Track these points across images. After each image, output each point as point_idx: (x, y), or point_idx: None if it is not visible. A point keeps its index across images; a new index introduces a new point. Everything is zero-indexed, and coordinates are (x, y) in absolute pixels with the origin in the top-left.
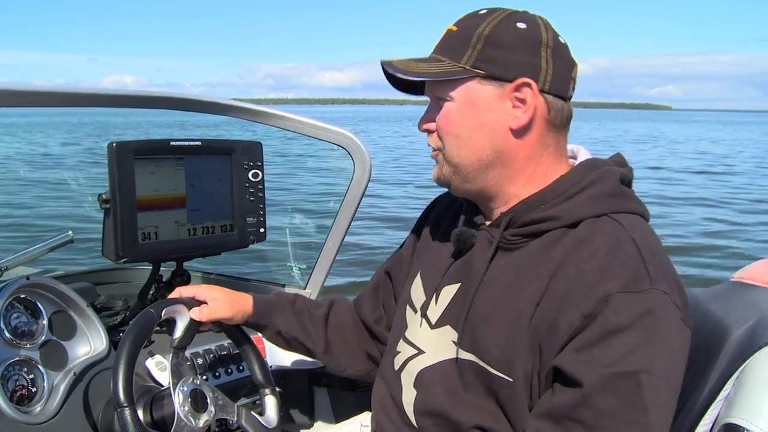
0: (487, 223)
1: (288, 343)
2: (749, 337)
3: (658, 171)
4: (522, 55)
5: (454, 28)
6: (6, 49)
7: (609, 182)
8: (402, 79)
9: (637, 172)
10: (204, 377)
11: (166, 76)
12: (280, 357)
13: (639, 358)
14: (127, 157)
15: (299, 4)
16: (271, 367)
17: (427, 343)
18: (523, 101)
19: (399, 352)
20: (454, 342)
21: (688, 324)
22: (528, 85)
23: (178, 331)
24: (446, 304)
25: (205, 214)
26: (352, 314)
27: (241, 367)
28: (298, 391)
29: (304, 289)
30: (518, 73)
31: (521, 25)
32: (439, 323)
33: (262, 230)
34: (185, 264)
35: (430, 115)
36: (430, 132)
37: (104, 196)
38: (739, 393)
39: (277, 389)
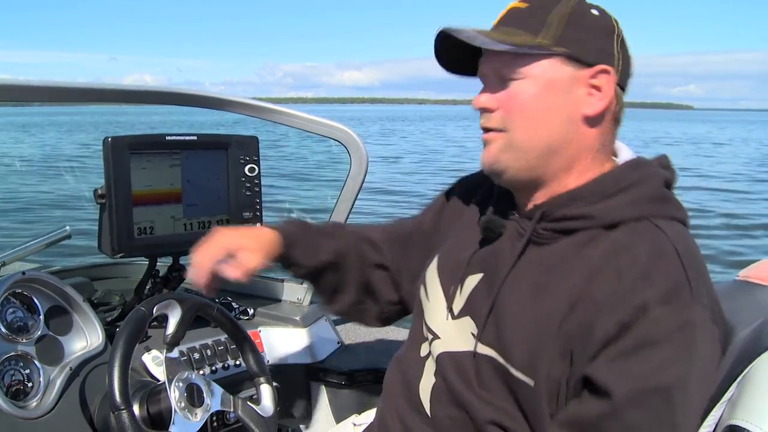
0: (518, 214)
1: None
2: (754, 338)
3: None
4: (600, 41)
5: (522, 5)
6: (30, 49)
7: (652, 185)
8: (448, 58)
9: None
10: (201, 372)
11: (186, 75)
12: (277, 352)
13: (673, 373)
14: (123, 152)
15: (319, 4)
16: (268, 362)
17: (446, 332)
18: (598, 89)
19: (425, 338)
20: (473, 334)
21: (723, 344)
22: (606, 72)
23: (171, 327)
24: (468, 295)
25: (201, 209)
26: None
27: (238, 362)
28: (295, 386)
29: (302, 284)
30: (597, 58)
31: (595, 12)
32: (461, 314)
33: (258, 225)
34: (181, 259)
35: (492, 92)
36: (488, 111)
37: (100, 191)
38: (743, 395)
39: (274, 384)
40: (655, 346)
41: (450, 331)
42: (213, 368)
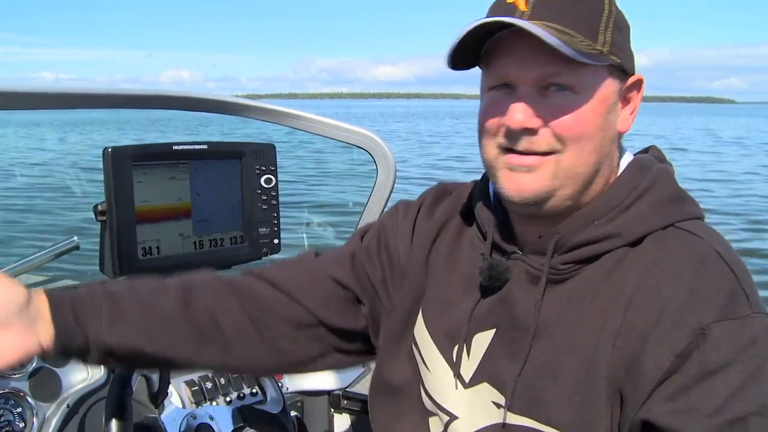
0: (521, 250)
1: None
2: None
3: None
4: (629, 44)
5: None
6: (69, 47)
7: (668, 185)
8: (461, 56)
9: None
10: (213, 402)
11: (222, 71)
12: (298, 379)
13: (747, 399)
14: (125, 164)
15: None
16: (287, 389)
17: (461, 406)
18: (629, 101)
19: (431, 413)
20: (494, 403)
21: None
22: (641, 81)
23: (155, 385)
24: (480, 357)
25: (212, 225)
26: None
27: (254, 391)
28: (317, 415)
29: None
30: (633, 67)
31: (619, 7)
32: (474, 380)
33: (276, 241)
34: None
35: (533, 107)
36: (532, 131)
37: (100, 207)
38: None
39: (295, 414)
40: (720, 373)
41: (466, 404)
42: (227, 399)
